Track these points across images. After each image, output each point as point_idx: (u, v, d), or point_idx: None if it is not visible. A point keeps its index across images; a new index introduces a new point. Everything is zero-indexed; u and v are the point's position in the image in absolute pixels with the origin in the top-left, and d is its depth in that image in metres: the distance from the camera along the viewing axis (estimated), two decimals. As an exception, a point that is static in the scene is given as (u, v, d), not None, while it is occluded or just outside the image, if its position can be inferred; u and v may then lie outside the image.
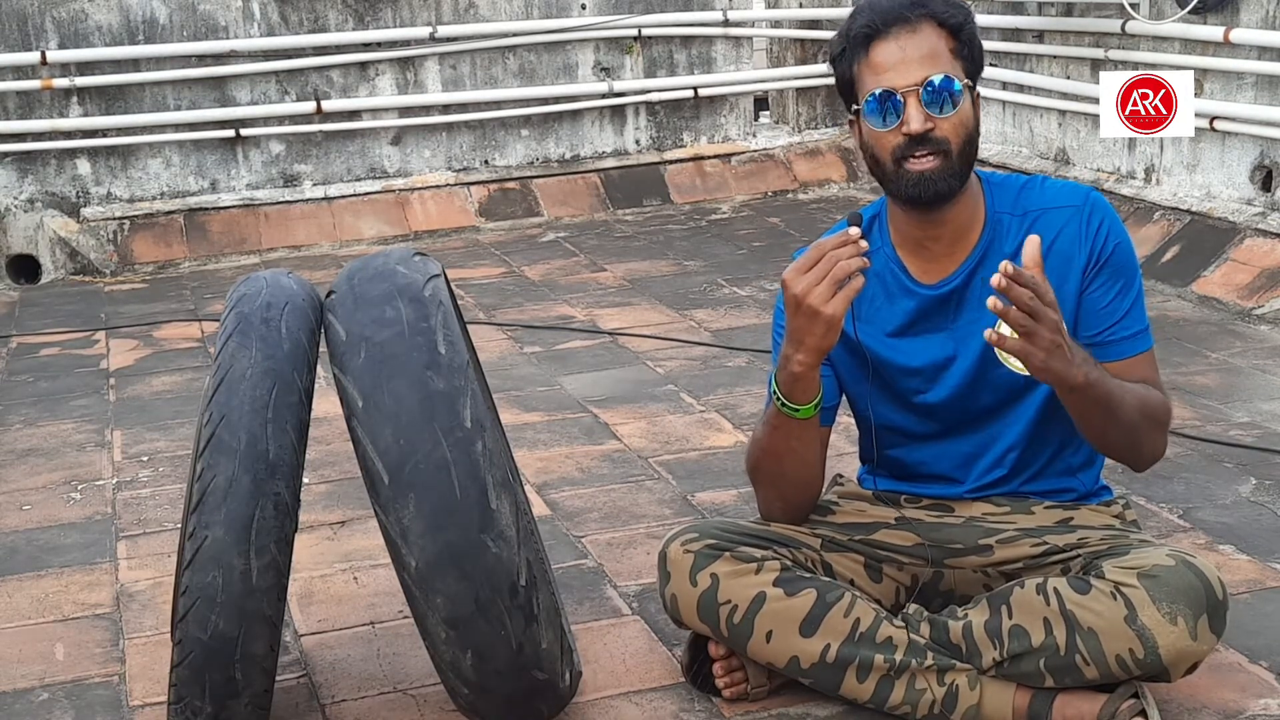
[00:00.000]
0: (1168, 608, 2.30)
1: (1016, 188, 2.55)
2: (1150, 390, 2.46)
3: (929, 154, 2.40)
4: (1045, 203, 2.51)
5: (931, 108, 2.39)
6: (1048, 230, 2.47)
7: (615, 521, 3.51)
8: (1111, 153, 6.14)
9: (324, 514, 3.64)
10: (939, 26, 2.42)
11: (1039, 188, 2.54)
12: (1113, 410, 2.37)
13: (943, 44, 2.41)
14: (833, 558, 2.62)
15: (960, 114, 2.40)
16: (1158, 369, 2.54)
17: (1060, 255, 2.47)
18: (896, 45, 2.41)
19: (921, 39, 2.40)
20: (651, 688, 2.71)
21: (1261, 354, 4.60)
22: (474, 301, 5.69)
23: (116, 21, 6.59)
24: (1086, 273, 2.48)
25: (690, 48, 7.43)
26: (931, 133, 2.39)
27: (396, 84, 6.99)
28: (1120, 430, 2.42)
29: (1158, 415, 2.47)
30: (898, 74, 2.40)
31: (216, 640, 2.29)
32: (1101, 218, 2.49)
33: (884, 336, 2.56)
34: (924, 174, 2.41)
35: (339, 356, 2.36)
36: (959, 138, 2.41)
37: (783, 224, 6.87)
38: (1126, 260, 2.50)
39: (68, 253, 6.58)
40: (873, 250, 2.50)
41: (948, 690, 2.43)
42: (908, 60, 2.40)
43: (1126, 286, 2.49)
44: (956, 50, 2.42)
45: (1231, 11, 5.42)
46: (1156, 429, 2.48)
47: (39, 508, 3.80)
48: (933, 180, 2.41)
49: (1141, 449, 2.50)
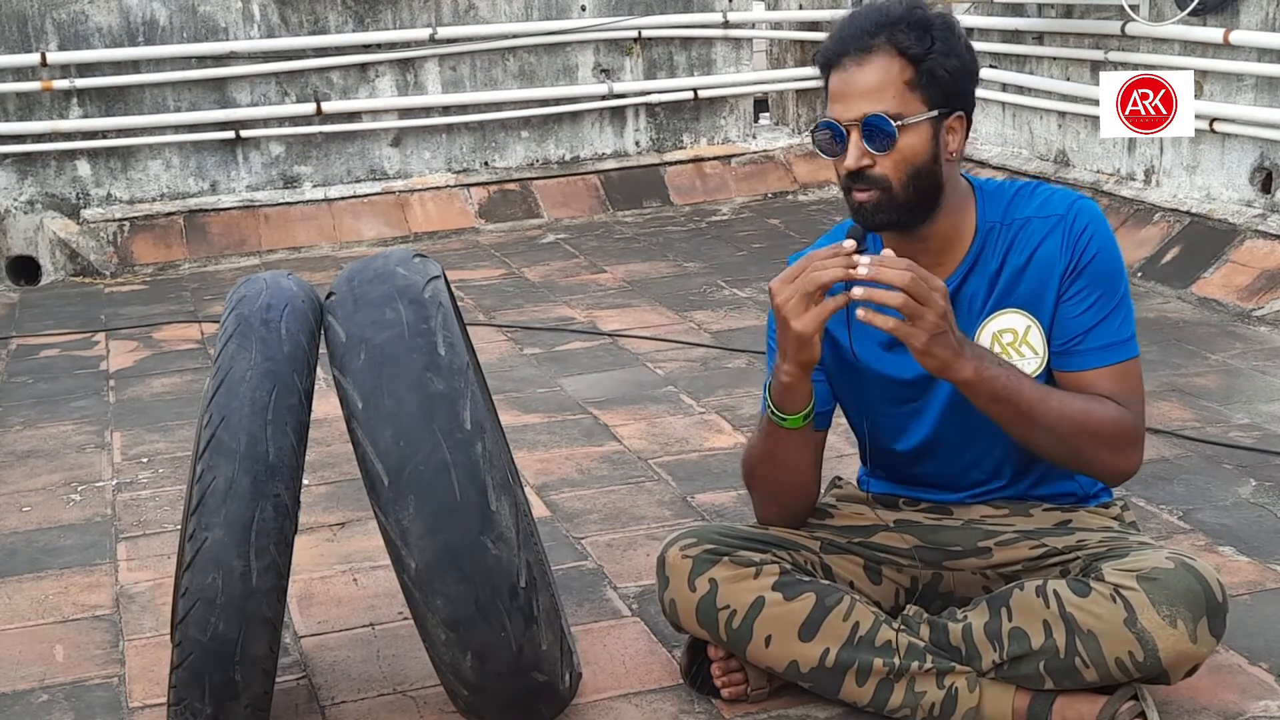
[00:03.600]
0: (1167, 610, 2.29)
1: (1009, 196, 2.51)
2: (1104, 404, 2.40)
3: (865, 188, 2.37)
4: (1032, 211, 2.47)
5: (869, 143, 2.35)
6: (1031, 239, 2.45)
7: (615, 523, 3.51)
8: (1111, 154, 6.14)
9: (324, 515, 3.64)
10: (896, 55, 2.35)
11: (1029, 195, 2.50)
12: (1030, 415, 2.34)
13: (896, 75, 2.34)
14: (832, 560, 2.62)
15: (899, 152, 2.35)
16: (1137, 384, 2.46)
17: (1041, 264, 2.45)
18: (844, 76, 2.37)
19: (870, 71, 2.35)
20: (651, 689, 2.71)
21: (1261, 355, 4.60)
22: (474, 303, 5.69)
23: (116, 23, 6.59)
24: (1064, 280, 2.44)
25: (690, 49, 7.43)
26: (869, 169, 2.36)
27: (396, 85, 6.99)
28: (1048, 438, 2.38)
29: (1105, 430, 2.39)
30: (843, 106, 2.36)
31: (216, 642, 2.29)
32: (1085, 224, 2.44)
33: (877, 348, 2.54)
34: (863, 205, 2.38)
35: (339, 358, 2.36)
36: (901, 173, 2.36)
37: (783, 225, 6.87)
38: (1107, 270, 2.44)
39: (68, 254, 6.58)
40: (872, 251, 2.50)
41: (947, 693, 2.42)
42: (850, 94, 2.36)
43: (1105, 297, 2.43)
44: (914, 81, 2.35)
45: (1231, 13, 5.42)
46: (1104, 444, 2.41)
47: (39, 509, 3.80)
48: (872, 212, 2.38)
49: (1089, 463, 2.44)
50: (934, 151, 2.38)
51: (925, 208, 2.41)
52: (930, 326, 2.22)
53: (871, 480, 2.76)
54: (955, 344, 2.26)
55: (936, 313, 2.22)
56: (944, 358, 2.26)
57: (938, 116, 2.37)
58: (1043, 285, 2.44)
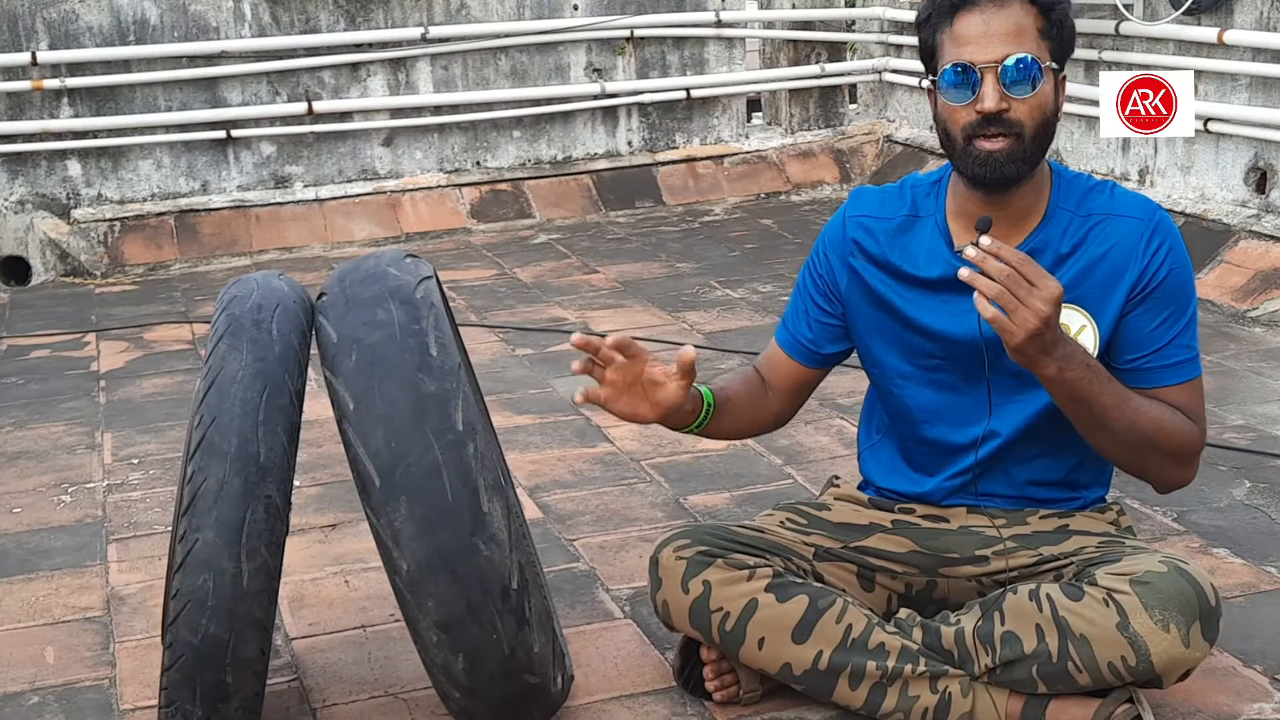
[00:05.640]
0: (1160, 615, 2.28)
1: (1085, 187, 2.50)
2: (1175, 417, 2.42)
3: (1000, 134, 2.36)
4: (1111, 209, 2.47)
5: (1009, 87, 2.34)
6: (1106, 239, 2.45)
7: (607, 524, 3.50)
8: (1105, 154, 6.14)
9: (315, 517, 3.63)
10: (1029, 3, 2.37)
11: (1108, 193, 2.49)
12: (1102, 420, 2.35)
13: (1030, 22, 2.36)
14: (825, 567, 2.61)
15: (1038, 96, 2.36)
16: (1202, 398, 2.49)
17: (1111, 266, 2.45)
18: (981, 18, 2.36)
19: (1008, 15, 2.36)
20: (643, 691, 2.70)
21: (1256, 356, 4.59)
22: (466, 303, 5.68)
23: (107, 22, 6.57)
24: (1133, 293, 2.44)
25: (683, 49, 7.42)
26: (1006, 113, 2.35)
27: (388, 85, 6.98)
28: (1114, 444, 2.40)
29: (1170, 444, 2.41)
30: (979, 48, 2.35)
31: (207, 644, 2.28)
32: (1162, 240, 2.44)
33: (907, 289, 2.55)
34: (992, 154, 2.37)
35: (330, 359, 2.35)
36: (1034, 121, 2.36)
37: (775, 225, 6.87)
38: (1180, 288, 2.45)
39: (58, 254, 6.56)
40: (926, 213, 2.55)
41: (940, 697, 2.41)
42: (990, 35, 2.35)
43: (1175, 315, 2.45)
44: (1044, 30, 2.37)
45: (1226, 13, 5.42)
46: (1168, 457, 2.43)
47: (29, 510, 3.79)
48: (1000, 162, 2.37)
49: (1146, 469, 2.47)
50: (1057, 104, 2.40)
51: (1036, 165, 2.42)
52: (1025, 325, 2.20)
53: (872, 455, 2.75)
54: (1048, 344, 2.24)
55: (1035, 314, 2.20)
56: (1032, 355, 2.25)
57: (1057, 69, 2.39)
58: (1108, 289, 2.44)
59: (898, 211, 2.59)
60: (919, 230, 2.56)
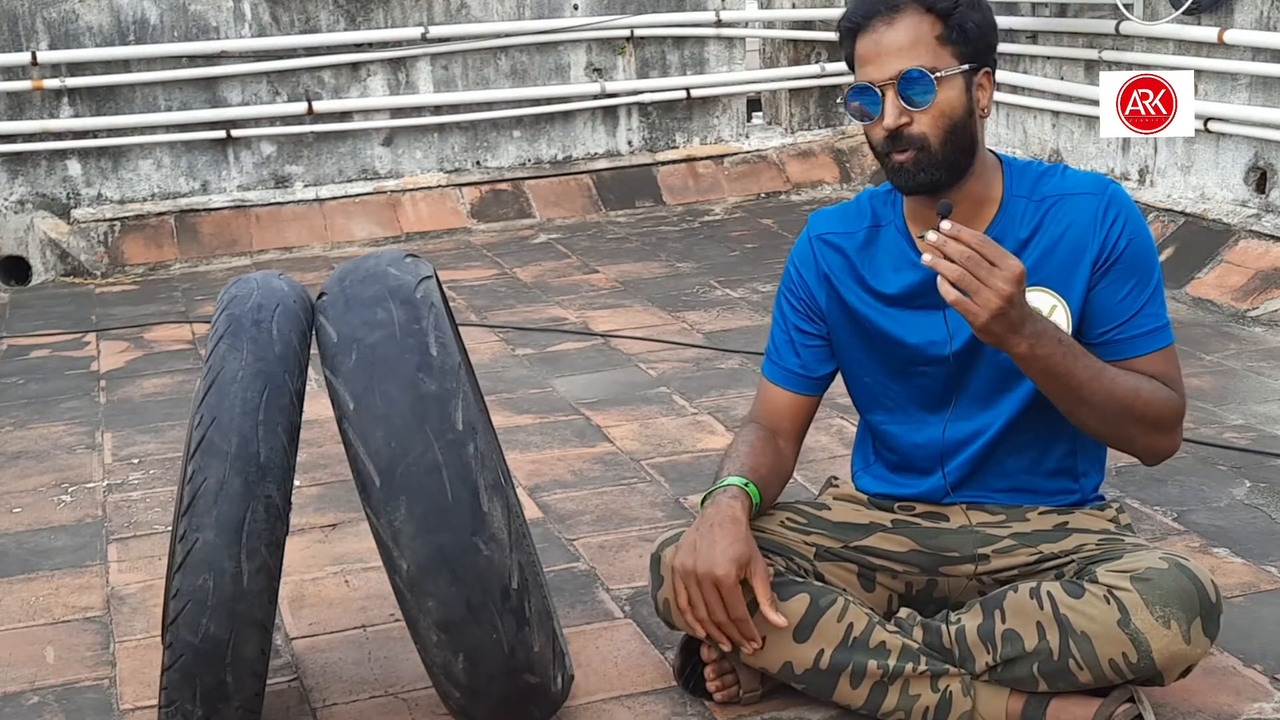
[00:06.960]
0: (1161, 611, 2.28)
1: (1037, 173, 2.53)
2: (1153, 386, 2.42)
3: (904, 148, 2.39)
4: (1064, 189, 2.49)
5: (908, 101, 2.37)
6: (1061, 218, 2.47)
7: (607, 524, 3.50)
8: (1105, 154, 6.14)
9: (315, 517, 3.63)
10: (925, 12, 2.38)
11: (1059, 175, 2.52)
12: (1079, 394, 2.35)
13: (927, 30, 2.38)
14: (826, 567, 2.61)
15: (938, 105, 2.38)
16: (1177, 365, 2.50)
17: (1071, 244, 2.46)
18: (874, 38, 2.39)
19: (899, 29, 2.38)
20: (643, 691, 2.70)
21: (1256, 356, 4.59)
22: (466, 303, 5.68)
23: (107, 22, 6.57)
24: (1096, 267, 2.45)
25: (683, 48, 7.42)
26: (907, 128, 2.38)
27: (388, 85, 6.98)
28: (1095, 417, 2.40)
29: (1150, 412, 2.41)
30: (876, 67, 2.39)
31: (207, 643, 2.28)
32: (1118, 211, 2.46)
33: (882, 305, 2.57)
34: (903, 165, 2.41)
35: (330, 358, 2.35)
36: (938, 128, 2.38)
37: (775, 225, 6.87)
38: (1141, 256, 2.47)
39: (58, 254, 6.56)
40: (886, 221, 2.58)
41: (941, 696, 2.41)
42: (884, 53, 2.38)
43: (1140, 284, 2.46)
44: (944, 36, 2.38)
45: (1226, 12, 5.42)
46: (1150, 425, 2.43)
47: (29, 510, 3.79)
48: (911, 173, 2.41)
49: (1129, 441, 2.46)
50: (969, 106, 2.42)
51: (962, 166, 2.43)
52: (988, 305, 2.22)
53: (867, 473, 2.75)
54: (1015, 322, 2.25)
55: (997, 294, 2.21)
56: (999, 334, 2.26)
57: (968, 71, 2.41)
58: (1072, 267, 2.46)
59: (860, 225, 2.63)
60: (883, 239, 2.59)
